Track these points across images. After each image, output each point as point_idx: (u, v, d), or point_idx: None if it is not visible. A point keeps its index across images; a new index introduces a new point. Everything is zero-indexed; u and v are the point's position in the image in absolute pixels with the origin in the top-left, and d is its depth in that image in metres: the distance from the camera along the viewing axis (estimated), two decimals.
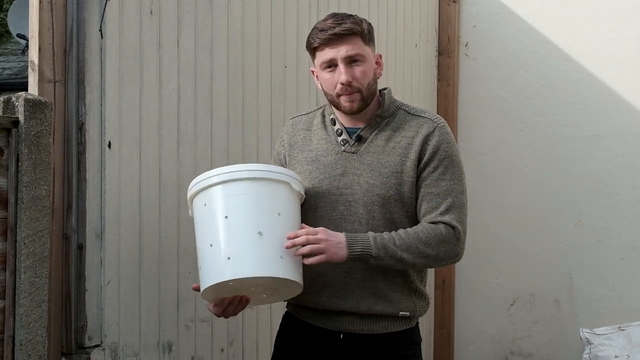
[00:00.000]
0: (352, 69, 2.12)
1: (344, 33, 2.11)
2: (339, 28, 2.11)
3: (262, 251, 2.00)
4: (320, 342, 2.21)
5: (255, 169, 2.09)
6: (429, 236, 2.09)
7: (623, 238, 3.84)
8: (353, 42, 2.12)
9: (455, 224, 2.12)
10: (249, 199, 2.04)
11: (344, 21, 2.12)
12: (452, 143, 2.18)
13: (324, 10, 3.28)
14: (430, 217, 2.13)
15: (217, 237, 2.02)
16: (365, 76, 2.14)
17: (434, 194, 2.14)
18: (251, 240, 2.00)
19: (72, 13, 2.39)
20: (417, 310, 2.21)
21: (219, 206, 2.04)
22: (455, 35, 4.26)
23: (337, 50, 2.11)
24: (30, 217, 2.18)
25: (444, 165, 2.15)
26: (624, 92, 3.86)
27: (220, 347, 2.85)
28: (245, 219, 2.02)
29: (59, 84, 2.37)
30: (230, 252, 1.99)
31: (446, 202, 2.13)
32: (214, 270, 2.01)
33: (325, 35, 2.12)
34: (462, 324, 4.27)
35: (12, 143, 2.17)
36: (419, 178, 2.15)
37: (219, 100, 2.83)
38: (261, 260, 2.00)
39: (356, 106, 2.15)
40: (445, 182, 2.14)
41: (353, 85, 2.12)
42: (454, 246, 2.13)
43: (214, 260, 2.02)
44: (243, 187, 2.05)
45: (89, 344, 2.40)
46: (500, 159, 4.16)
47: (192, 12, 2.72)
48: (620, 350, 3.40)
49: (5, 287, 2.17)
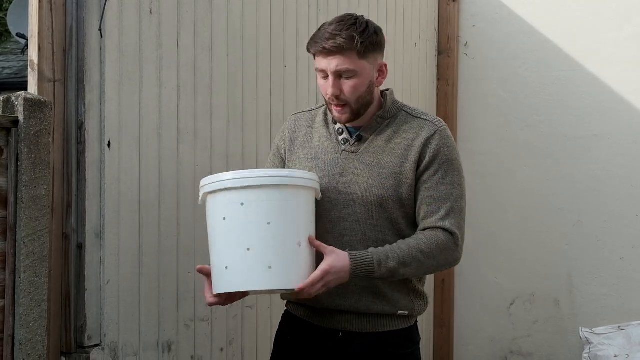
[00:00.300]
0: (340, 82, 2.11)
1: (334, 50, 2.08)
2: (331, 43, 2.07)
3: (301, 263, 2.01)
4: (320, 341, 2.21)
5: (301, 177, 2.06)
6: (430, 247, 2.10)
7: (623, 237, 3.84)
8: (345, 57, 2.08)
9: (455, 230, 2.13)
10: (292, 206, 2.02)
11: (340, 34, 2.07)
12: (452, 147, 2.18)
13: (324, 10, 3.29)
14: (429, 222, 2.13)
15: (257, 242, 1.98)
16: (355, 91, 2.11)
17: (433, 198, 2.14)
18: (292, 251, 1.99)
19: (72, 12, 2.39)
20: (415, 309, 2.22)
21: (262, 210, 1.99)
22: (455, 34, 4.26)
23: (329, 62, 2.10)
24: (29, 217, 2.18)
25: (444, 169, 2.15)
26: (623, 92, 3.86)
27: (220, 347, 2.85)
28: (285, 227, 2.00)
29: (58, 83, 2.37)
30: (271, 261, 1.97)
31: (445, 207, 2.13)
32: (252, 276, 1.98)
33: (318, 47, 2.11)
34: (462, 323, 4.27)
35: (11, 142, 2.17)
36: (419, 181, 2.15)
37: (219, 99, 2.84)
38: (299, 271, 2.00)
39: (344, 118, 2.16)
40: (445, 187, 2.14)
41: (341, 98, 2.12)
42: (453, 252, 2.14)
43: (253, 265, 1.98)
44: (287, 194, 2.01)
45: (89, 344, 2.40)
46: (500, 159, 4.16)
47: (192, 12, 2.72)
48: (619, 350, 3.40)
49: (4, 287, 2.17)
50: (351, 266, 2.04)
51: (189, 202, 2.68)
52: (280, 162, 2.31)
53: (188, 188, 2.69)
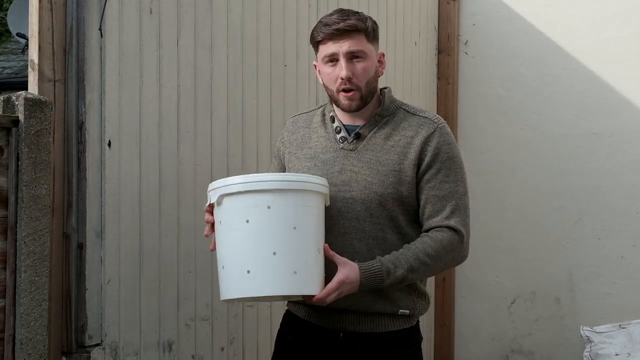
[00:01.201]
0: (353, 64, 2.13)
1: (348, 29, 2.11)
2: (343, 24, 2.11)
3: (320, 270, 2.02)
4: (321, 341, 2.21)
5: (321, 183, 2.06)
6: (437, 250, 2.10)
7: (623, 236, 3.84)
8: (356, 39, 2.13)
9: (460, 228, 2.13)
10: (314, 212, 2.02)
11: (348, 17, 2.13)
12: (452, 144, 2.18)
13: (323, 9, 3.29)
14: (435, 221, 2.13)
15: (283, 247, 1.97)
16: (365, 73, 2.14)
17: (438, 197, 2.14)
18: (314, 257, 2.00)
19: (72, 12, 2.39)
20: (417, 309, 2.21)
21: (290, 215, 1.97)
22: (455, 33, 4.26)
23: (340, 45, 2.12)
24: (30, 216, 2.18)
25: (446, 167, 2.15)
26: (624, 90, 3.86)
27: (221, 346, 2.85)
28: (309, 233, 2.00)
29: (58, 83, 2.37)
30: (296, 267, 1.97)
31: (450, 205, 2.13)
32: (277, 281, 1.97)
33: (329, 29, 2.13)
34: (463, 322, 4.27)
35: (12, 142, 2.17)
36: (421, 180, 2.15)
37: (219, 99, 2.84)
38: (319, 278, 2.02)
39: (354, 105, 2.16)
40: (448, 185, 2.14)
41: (352, 81, 2.13)
42: (460, 251, 2.16)
43: (278, 270, 1.96)
44: (310, 200, 2.01)
45: (90, 343, 2.40)
46: (500, 157, 4.16)
47: (192, 12, 2.72)
48: (620, 349, 3.40)
49: (5, 286, 2.17)
50: (361, 278, 2.05)
51: (189, 202, 2.68)
52: (279, 164, 2.32)
53: (188, 187, 2.69)
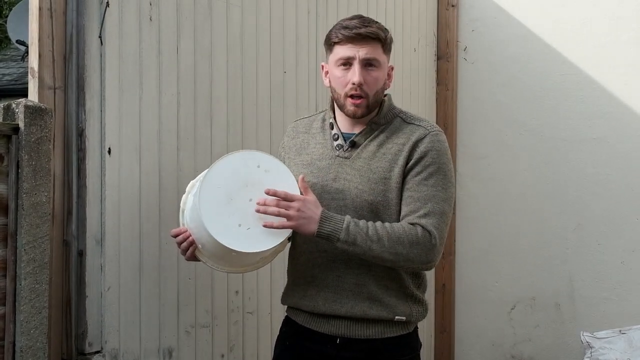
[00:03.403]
0: (366, 72, 2.13)
1: (369, 35, 2.12)
2: (365, 29, 2.12)
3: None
4: (318, 347, 2.21)
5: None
6: (403, 234, 2.07)
7: (623, 241, 3.84)
8: (374, 47, 2.14)
9: (432, 229, 2.09)
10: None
11: (370, 25, 2.15)
12: (442, 151, 2.16)
13: (323, 16, 3.29)
14: (408, 219, 2.11)
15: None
16: (376, 83, 2.15)
17: (414, 198, 2.12)
18: None
19: (72, 20, 2.40)
20: (413, 315, 2.21)
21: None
22: (454, 39, 4.27)
23: (357, 50, 2.12)
24: (30, 224, 2.18)
25: (428, 171, 2.12)
26: (623, 95, 3.86)
27: (221, 353, 2.85)
28: None
29: (59, 90, 2.38)
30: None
31: (425, 207, 2.10)
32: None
33: (350, 32, 2.13)
34: (463, 328, 4.27)
35: (12, 150, 2.17)
36: (405, 182, 2.14)
37: (219, 106, 2.84)
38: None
39: (360, 112, 2.16)
40: (426, 188, 2.11)
41: (363, 88, 2.13)
42: (427, 251, 2.09)
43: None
44: None
45: (90, 350, 2.40)
46: (500, 163, 4.16)
47: (192, 19, 2.73)
48: (621, 354, 3.39)
49: (5, 294, 2.17)
50: (320, 218, 2.05)
51: None
52: None
53: None
